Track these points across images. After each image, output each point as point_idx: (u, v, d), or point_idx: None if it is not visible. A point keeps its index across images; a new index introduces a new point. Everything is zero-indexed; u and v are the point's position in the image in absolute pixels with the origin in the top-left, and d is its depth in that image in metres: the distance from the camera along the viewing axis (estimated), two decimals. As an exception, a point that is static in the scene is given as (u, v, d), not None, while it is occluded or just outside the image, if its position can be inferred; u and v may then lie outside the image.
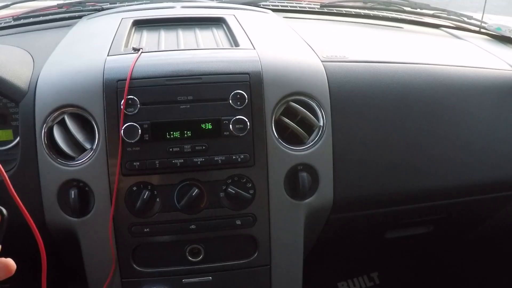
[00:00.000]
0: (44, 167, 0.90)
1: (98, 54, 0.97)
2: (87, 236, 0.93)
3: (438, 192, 1.09)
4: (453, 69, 1.10)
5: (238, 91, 0.91)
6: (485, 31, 1.41)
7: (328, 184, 0.98)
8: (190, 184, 0.92)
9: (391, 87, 1.03)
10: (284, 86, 0.95)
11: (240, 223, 0.95)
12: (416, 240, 1.36)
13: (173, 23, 1.23)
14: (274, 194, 0.95)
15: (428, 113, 1.05)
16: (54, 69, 0.97)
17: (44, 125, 0.90)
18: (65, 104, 0.90)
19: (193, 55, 0.98)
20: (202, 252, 0.97)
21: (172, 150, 0.90)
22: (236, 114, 0.91)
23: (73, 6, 1.40)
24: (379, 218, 1.15)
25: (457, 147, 1.07)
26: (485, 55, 1.25)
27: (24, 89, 0.93)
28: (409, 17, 1.49)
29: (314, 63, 1.02)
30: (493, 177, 1.11)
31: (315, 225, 1.05)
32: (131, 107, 0.88)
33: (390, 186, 1.04)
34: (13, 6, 1.43)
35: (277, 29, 1.25)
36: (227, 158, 0.91)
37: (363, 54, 1.12)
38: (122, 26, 1.15)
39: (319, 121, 0.97)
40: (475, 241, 1.49)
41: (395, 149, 1.03)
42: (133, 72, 0.90)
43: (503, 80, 1.11)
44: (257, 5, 1.46)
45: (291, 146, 0.95)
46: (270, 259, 0.99)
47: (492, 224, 1.30)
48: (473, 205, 1.18)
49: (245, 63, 0.94)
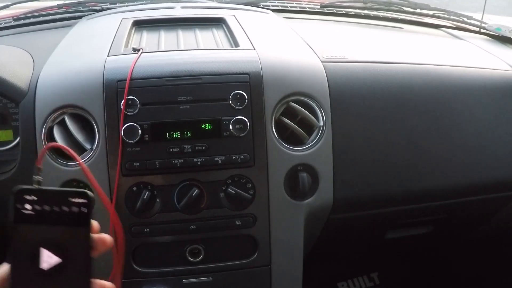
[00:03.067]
0: (44, 168, 0.90)
1: (98, 55, 0.97)
2: None
3: (438, 192, 1.09)
4: (453, 69, 1.10)
5: (238, 92, 0.91)
6: (485, 31, 1.41)
7: (328, 184, 0.98)
8: (190, 184, 0.92)
9: (391, 87, 1.03)
10: (284, 86, 0.95)
11: (240, 223, 0.95)
12: (416, 240, 1.36)
13: (173, 23, 1.23)
14: (274, 194, 0.95)
15: (428, 113, 1.05)
16: (54, 69, 0.97)
17: (44, 125, 0.90)
18: (65, 105, 0.90)
19: (193, 56, 0.98)
20: (202, 252, 0.97)
21: (172, 151, 0.90)
22: (236, 115, 0.91)
23: (73, 6, 1.40)
24: (379, 218, 1.15)
25: (457, 147, 1.07)
26: (485, 55, 1.25)
27: (24, 90, 0.93)
28: (409, 18, 1.49)
29: (314, 63, 1.02)
30: (493, 177, 1.11)
31: (315, 225, 1.05)
32: (131, 107, 0.88)
33: (390, 186, 1.05)
34: (13, 6, 1.43)
35: (277, 30, 1.25)
36: (227, 159, 0.91)
37: (363, 54, 1.12)
38: (122, 27, 1.15)
39: (319, 121, 0.97)
40: (475, 241, 1.49)
41: (395, 149, 1.03)
42: (133, 73, 0.90)
43: (503, 80, 1.11)
44: (257, 5, 1.46)
45: (291, 146, 0.95)
46: (270, 259, 0.99)
47: (492, 224, 1.30)
48: (473, 205, 1.18)
49: (245, 63, 0.94)
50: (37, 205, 0.52)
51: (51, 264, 0.51)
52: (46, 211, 0.52)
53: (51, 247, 0.52)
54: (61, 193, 0.53)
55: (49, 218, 0.52)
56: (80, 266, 0.52)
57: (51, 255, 0.51)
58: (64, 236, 0.52)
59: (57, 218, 0.52)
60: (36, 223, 0.52)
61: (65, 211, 0.52)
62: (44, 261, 0.51)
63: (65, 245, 0.52)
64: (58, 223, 0.52)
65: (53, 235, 0.52)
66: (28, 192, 0.53)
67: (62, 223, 0.52)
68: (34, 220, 0.52)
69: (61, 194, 0.53)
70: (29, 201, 0.52)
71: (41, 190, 0.53)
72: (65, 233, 0.52)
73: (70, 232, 0.52)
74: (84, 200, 0.52)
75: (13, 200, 0.52)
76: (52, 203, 0.52)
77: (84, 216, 0.52)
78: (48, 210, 0.52)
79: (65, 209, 0.52)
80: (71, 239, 0.52)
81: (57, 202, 0.52)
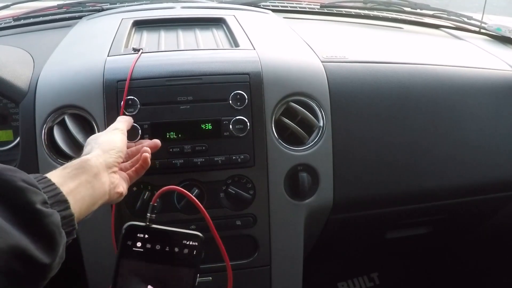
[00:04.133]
0: (44, 167, 0.90)
1: (98, 55, 0.97)
2: (87, 237, 0.93)
3: (438, 192, 1.09)
4: (453, 69, 1.10)
5: (238, 92, 0.91)
6: (485, 31, 1.42)
7: (328, 185, 0.98)
8: (190, 184, 0.92)
9: (391, 88, 1.03)
10: (284, 86, 0.95)
11: (240, 223, 0.95)
12: (416, 240, 1.36)
13: (173, 23, 1.23)
14: (274, 195, 0.95)
15: (428, 113, 1.05)
16: (54, 69, 0.97)
17: (44, 125, 0.90)
18: (65, 105, 0.90)
19: (193, 56, 0.98)
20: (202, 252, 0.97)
21: (172, 151, 0.90)
22: (236, 115, 0.91)
23: (73, 6, 1.40)
24: (379, 218, 1.15)
25: (457, 147, 1.07)
26: (485, 55, 1.25)
27: (24, 90, 0.93)
28: (409, 18, 1.49)
29: (314, 63, 1.02)
30: (493, 177, 1.11)
31: (315, 225, 1.05)
32: (131, 107, 0.88)
33: (390, 186, 1.05)
34: (13, 6, 1.43)
35: (277, 30, 1.25)
36: (227, 159, 0.91)
37: (363, 54, 1.12)
38: (122, 27, 1.15)
39: (319, 121, 0.97)
40: (475, 241, 1.49)
41: (395, 149, 1.03)
42: (133, 73, 0.90)
43: (503, 80, 1.11)
44: (257, 5, 1.46)
45: (291, 146, 0.95)
46: (270, 259, 0.99)
47: (492, 224, 1.30)
48: (473, 205, 1.18)
49: (245, 63, 0.94)
50: (148, 243, 0.54)
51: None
52: (156, 250, 0.53)
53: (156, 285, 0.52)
54: (175, 234, 0.54)
55: (158, 257, 0.53)
56: None
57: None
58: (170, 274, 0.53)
59: (166, 258, 0.53)
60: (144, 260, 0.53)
61: (175, 252, 0.53)
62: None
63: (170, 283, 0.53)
64: (166, 263, 0.53)
65: (160, 274, 0.53)
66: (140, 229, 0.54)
67: (170, 263, 0.53)
68: (144, 258, 0.53)
69: (174, 235, 0.54)
70: (141, 239, 0.53)
71: (155, 229, 0.54)
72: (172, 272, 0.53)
73: (176, 271, 0.53)
74: (196, 243, 0.54)
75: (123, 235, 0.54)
76: (164, 243, 0.53)
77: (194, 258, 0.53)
78: (158, 249, 0.53)
79: (176, 250, 0.53)
80: (177, 278, 0.53)
81: (169, 243, 0.53)
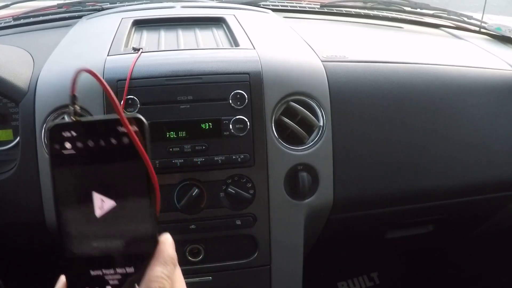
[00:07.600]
0: (44, 167, 0.90)
1: (98, 54, 0.97)
2: None
3: (438, 192, 1.09)
4: (453, 69, 1.10)
5: (238, 91, 0.91)
6: (485, 31, 1.41)
7: (328, 184, 0.98)
8: (190, 184, 0.92)
9: (391, 87, 1.03)
10: (284, 86, 0.95)
11: (240, 223, 0.95)
12: (416, 240, 1.36)
13: (173, 23, 1.23)
14: (274, 194, 0.95)
15: (428, 113, 1.04)
16: (54, 69, 0.97)
17: (44, 125, 0.90)
18: (65, 104, 0.90)
19: (193, 55, 0.98)
20: (202, 252, 0.97)
21: (172, 150, 0.90)
22: (236, 114, 0.91)
23: (73, 6, 1.40)
24: (379, 218, 1.14)
25: (457, 147, 1.07)
26: (485, 55, 1.25)
27: (24, 89, 0.93)
28: (409, 17, 1.49)
29: (314, 63, 1.02)
30: (493, 177, 1.11)
31: (315, 225, 1.05)
32: (131, 107, 0.88)
33: (390, 186, 1.04)
34: (13, 6, 1.43)
35: (277, 29, 1.25)
36: (227, 158, 0.91)
37: (363, 54, 1.12)
38: (122, 26, 1.15)
39: (319, 121, 0.97)
40: (475, 241, 1.49)
41: (395, 149, 1.03)
42: (133, 72, 0.90)
43: (503, 80, 1.11)
44: (257, 5, 1.46)
45: (291, 146, 0.95)
46: (270, 259, 0.99)
47: (492, 224, 1.30)
48: (473, 205, 1.18)
49: (245, 63, 0.94)
50: (79, 142, 0.42)
51: (105, 209, 0.43)
52: (90, 147, 0.42)
53: (103, 190, 0.43)
54: (107, 122, 0.43)
55: (94, 155, 0.42)
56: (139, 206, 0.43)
57: (104, 199, 0.43)
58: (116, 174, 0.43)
59: (104, 154, 0.43)
60: (80, 164, 0.43)
61: (114, 144, 0.43)
62: (97, 207, 0.43)
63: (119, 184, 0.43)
64: (107, 161, 0.43)
65: (103, 176, 0.43)
66: (65, 127, 0.43)
67: (112, 160, 0.43)
68: (78, 161, 0.43)
69: (106, 123, 0.43)
70: (69, 138, 0.42)
71: (81, 122, 0.43)
72: (118, 170, 0.43)
73: (122, 169, 0.43)
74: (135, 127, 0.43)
75: (49, 139, 0.43)
76: (97, 137, 0.42)
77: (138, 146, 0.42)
78: (92, 146, 0.42)
79: (113, 141, 0.42)
80: (125, 176, 0.43)
81: (102, 134, 0.42)
